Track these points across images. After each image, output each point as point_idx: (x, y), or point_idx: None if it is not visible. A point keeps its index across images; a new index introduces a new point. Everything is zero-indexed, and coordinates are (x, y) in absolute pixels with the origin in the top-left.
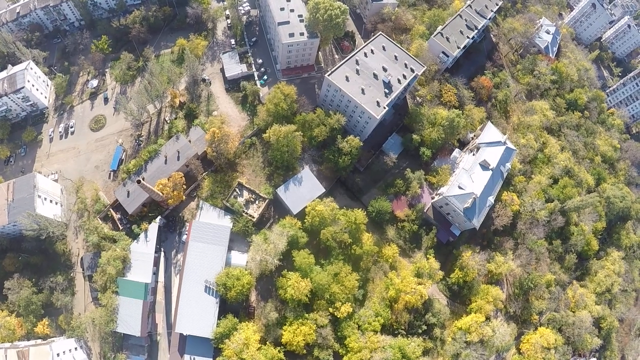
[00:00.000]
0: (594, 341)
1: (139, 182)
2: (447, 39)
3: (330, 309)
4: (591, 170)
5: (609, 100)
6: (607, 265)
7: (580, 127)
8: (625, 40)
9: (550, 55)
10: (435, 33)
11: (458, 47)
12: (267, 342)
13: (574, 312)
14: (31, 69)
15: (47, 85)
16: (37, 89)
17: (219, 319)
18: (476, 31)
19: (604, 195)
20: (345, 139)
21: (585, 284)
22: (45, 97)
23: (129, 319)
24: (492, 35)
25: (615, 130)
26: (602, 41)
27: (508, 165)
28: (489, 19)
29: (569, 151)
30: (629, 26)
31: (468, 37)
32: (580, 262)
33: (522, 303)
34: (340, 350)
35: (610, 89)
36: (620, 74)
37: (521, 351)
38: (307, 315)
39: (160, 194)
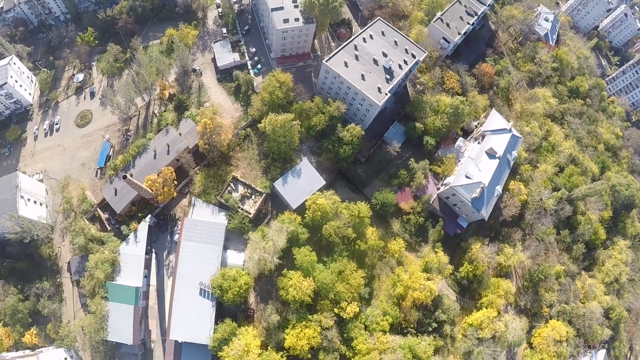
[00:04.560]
0: (605, 332)
1: (125, 177)
2: (447, 24)
3: (336, 310)
4: (595, 158)
5: (609, 89)
6: (615, 254)
7: (583, 115)
8: (622, 29)
9: (550, 42)
10: (435, 19)
11: (459, 33)
12: (269, 347)
13: (583, 303)
14: (14, 64)
15: (32, 81)
16: (21, 85)
17: (216, 323)
18: (476, 17)
19: (609, 183)
20: (346, 128)
21: (593, 274)
22: (30, 94)
23: (120, 326)
24: (490, 23)
25: (616, 118)
26: (599, 30)
27: (514, 153)
28: (488, 5)
29: (573, 139)
30: (625, 15)
31: (468, 23)
32: (587, 252)
33: (532, 296)
34: (347, 353)
35: (610, 77)
36: (618, 62)
37: (533, 345)
38: (310, 316)
39: (149, 190)
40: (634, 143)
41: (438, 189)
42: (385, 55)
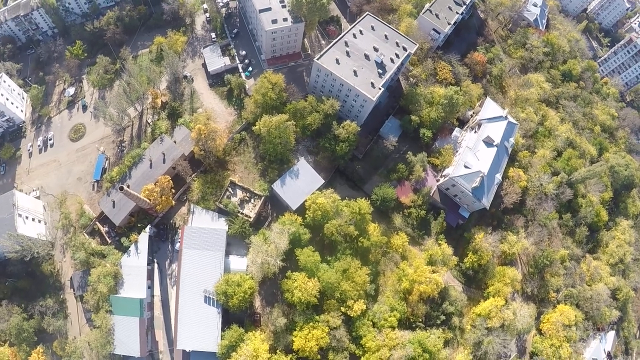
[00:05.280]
0: (613, 313)
1: (121, 189)
2: (437, 15)
3: (342, 308)
4: (592, 140)
5: (601, 70)
6: (618, 235)
7: (577, 98)
8: (611, 10)
9: (540, 27)
10: (424, 10)
11: (448, 23)
12: (278, 351)
13: (590, 286)
14: (4, 82)
15: (23, 98)
16: (12, 103)
17: (222, 330)
18: (464, 7)
19: (607, 164)
20: (342, 125)
21: (598, 256)
22: (22, 111)
23: (127, 339)
24: (479, 12)
25: (611, 99)
26: (588, 12)
27: (512, 140)
28: None
29: (569, 122)
30: None
31: (457, 13)
32: (591, 234)
33: (538, 282)
34: (356, 351)
35: (602, 58)
36: (608, 44)
37: (542, 331)
38: (317, 317)
39: (147, 200)
40: (629, 123)
41: (437, 180)
42: (376, 49)
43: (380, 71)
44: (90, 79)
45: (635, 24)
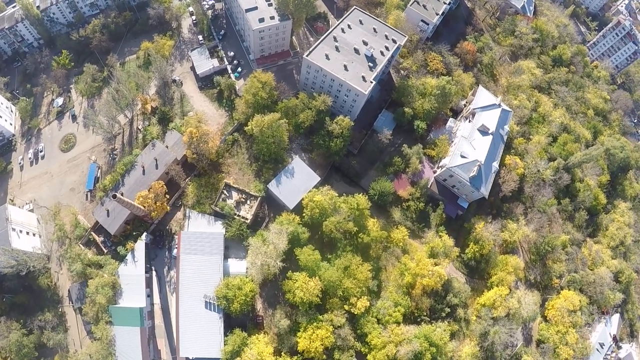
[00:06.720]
0: (617, 296)
1: (114, 197)
2: (424, 6)
3: (346, 306)
4: (586, 124)
5: (591, 54)
6: (617, 217)
7: (569, 83)
8: None
9: (528, 14)
10: (411, 2)
11: (437, 14)
12: (282, 353)
13: (592, 270)
14: None
15: (11, 111)
16: (1, 117)
17: (225, 335)
18: None
19: (603, 147)
20: (335, 121)
21: (598, 239)
22: (11, 124)
23: (128, 349)
24: (466, 1)
25: (602, 82)
26: None
27: (506, 127)
28: None
29: (562, 107)
30: None
31: (445, 3)
32: (590, 218)
33: (540, 268)
34: (362, 349)
35: (591, 42)
36: (596, 27)
37: (547, 318)
38: (321, 317)
39: (142, 207)
40: (622, 105)
41: (435, 172)
42: (365, 43)
43: (371, 64)
44: (78, 88)
45: (621, 6)
